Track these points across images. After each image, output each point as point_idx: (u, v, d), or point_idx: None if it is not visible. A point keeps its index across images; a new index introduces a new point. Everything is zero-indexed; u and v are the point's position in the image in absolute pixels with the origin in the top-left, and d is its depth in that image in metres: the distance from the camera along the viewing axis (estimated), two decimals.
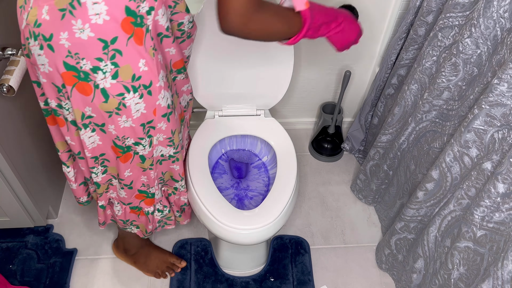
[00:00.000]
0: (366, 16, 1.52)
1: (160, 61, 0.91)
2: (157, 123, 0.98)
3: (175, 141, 1.07)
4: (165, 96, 0.94)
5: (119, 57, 0.84)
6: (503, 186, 0.96)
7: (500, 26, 0.99)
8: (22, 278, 1.45)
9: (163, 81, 0.92)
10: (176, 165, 1.15)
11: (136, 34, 0.83)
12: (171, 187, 1.25)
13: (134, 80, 0.87)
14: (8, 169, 1.26)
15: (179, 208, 1.35)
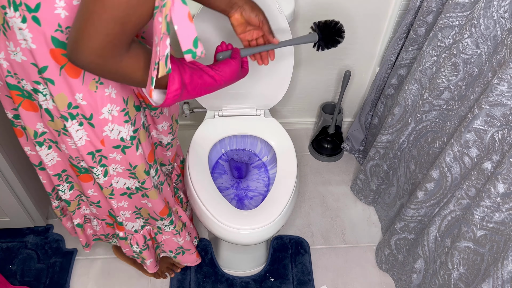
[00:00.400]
0: (366, 16, 1.52)
1: (111, 94, 0.84)
2: (109, 153, 0.92)
3: (139, 175, 1.00)
4: (116, 129, 0.88)
5: (51, 86, 0.79)
6: (503, 186, 0.96)
7: (500, 26, 0.99)
8: (22, 278, 1.45)
9: (112, 115, 0.86)
10: (147, 201, 1.08)
11: (70, 66, 0.76)
12: (154, 226, 1.21)
13: (71, 108, 0.83)
14: (8, 169, 1.26)
15: (174, 250, 1.30)
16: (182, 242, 1.27)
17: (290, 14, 1.29)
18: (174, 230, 1.23)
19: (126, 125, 0.90)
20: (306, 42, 1.00)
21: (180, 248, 1.29)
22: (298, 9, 1.47)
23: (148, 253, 1.27)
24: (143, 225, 1.20)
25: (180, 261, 1.36)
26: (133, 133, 0.92)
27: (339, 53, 1.64)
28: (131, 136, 0.92)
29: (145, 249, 1.25)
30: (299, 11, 1.48)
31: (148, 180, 1.02)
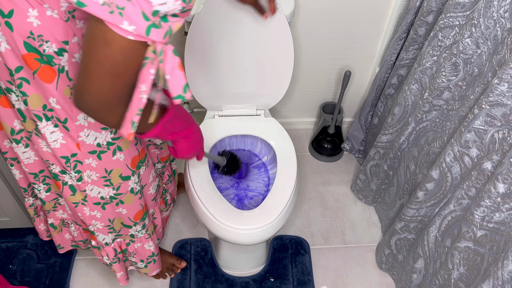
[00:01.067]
0: (367, 16, 1.52)
1: None
2: (84, 158, 0.92)
3: (114, 180, 0.98)
4: (92, 135, 0.88)
5: (26, 86, 0.79)
6: (503, 186, 0.96)
7: (501, 26, 0.99)
8: (22, 278, 1.45)
9: (88, 122, 0.86)
10: (122, 208, 1.06)
11: (42, 71, 0.77)
12: (127, 235, 1.17)
13: (46, 110, 0.83)
14: (8, 169, 1.26)
15: (145, 259, 1.27)
16: (153, 247, 1.24)
17: (290, 14, 1.29)
18: (146, 234, 1.20)
19: (104, 132, 0.90)
20: (215, 161, 1.25)
21: (152, 256, 1.26)
22: (298, 9, 1.47)
23: (118, 266, 1.24)
24: (114, 238, 1.17)
25: (149, 272, 1.32)
26: (112, 140, 0.92)
27: (339, 53, 1.64)
28: (108, 142, 0.91)
29: (115, 262, 1.22)
30: (299, 11, 1.48)
31: (123, 185, 1.01)
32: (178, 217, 1.65)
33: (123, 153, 0.96)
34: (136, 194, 1.06)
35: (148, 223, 1.19)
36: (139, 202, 1.09)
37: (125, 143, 0.95)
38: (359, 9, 1.49)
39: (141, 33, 0.60)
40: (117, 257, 1.22)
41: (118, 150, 0.94)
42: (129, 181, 1.02)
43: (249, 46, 1.27)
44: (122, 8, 0.58)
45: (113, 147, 0.93)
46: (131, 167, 1.00)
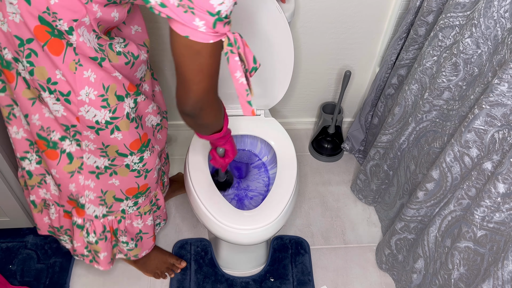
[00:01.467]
0: (367, 16, 1.52)
1: (90, 78, 0.88)
2: (83, 131, 0.96)
3: (110, 153, 1.02)
4: (92, 112, 0.92)
5: (34, 57, 0.85)
6: (504, 186, 0.96)
7: (501, 26, 0.99)
8: (22, 278, 1.45)
9: (89, 98, 0.90)
10: (115, 179, 1.09)
11: (51, 44, 0.82)
12: (118, 211, 1.18)
13: (50, 83, 0.88)
14: (8, 169, 1.26)
15: (134, 236, 1.27)
16: (142, 225, 1.25)
17: (290, 14, 1.29)
18: (137, 211, 1.21)
19: (103, 110, 0.93)
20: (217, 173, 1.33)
21: (139, 234, 1.27)
22: (298, 9, 1.47)
23: (104, 245, 1.23)
24: (105, 214, 1.17)
25: (139, 252, 1.32)
26: (110, 120, 0.95)
27: (339, 53, 1.64)
28: (106, 121, 0.95)
29: (101, 239, 1.21)
30: (299, 11, 1.48)
31: (118, 158, 1.04)
32: (178, 217, 1.65)
33: (122, 133, 0.99)
34: (132, 171, 1.09)
35: (143, 202, 1.20)
36: (134, 180, 1.11)
37: (125, 124, 0.98)
38: (359, 9, 1.49)
39: (209, 27, 0.72)
40: (105, 235, 1.21)
41: (116, 129, 0.98)
42: (125, 158, 1.05)
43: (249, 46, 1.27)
44: (192, 8, 0.71)
45: (111, 126, 0.97)
46: (130, 148, 1.03)
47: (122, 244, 1.27)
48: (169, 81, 1.67)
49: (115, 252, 1.30)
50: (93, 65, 0.88)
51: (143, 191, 1.16)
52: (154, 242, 1.36)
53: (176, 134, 1.89)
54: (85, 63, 0.87)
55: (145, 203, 1.21)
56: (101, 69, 0.89)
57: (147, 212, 1.24)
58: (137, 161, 1.07)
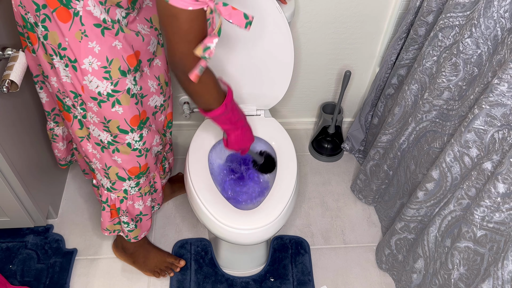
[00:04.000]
0: (367, 16, 1.52)
1: (94, 49, 0.92)
2: (87, 101, 1.01)
3: (112, 129, 1.06)
4: (94, 82, 0.96)
5: (48, 22, 0.90)
6: (503, 186, 0.96)
7: (501, 26, 0.99)
8: (22, 278, 1.45)
9: (92, 68, 0.94)
10: (117, 156, 1.11)
11: (59, 12, 0.87)
12: (120, 190, 1.20)
13: (60, 48, 0.93)
14: (8, 169, 1.26)
15: (134, 217, 1.29)
16: (142, 207, 1.28)
17: (290, 14, 1.29)
18: (138, 192, 1.23)
19: (105, 82, 0.97)
20: (254, 158, 1.35)
21: (139, 215, 1.30)
22: (298, 9, 1.47)
23: (103, 214, 1.28)
24: (108, 188, 1.21)
25: (139, 233, 1.34)
26: (111, 92, 0.99)
27: (339, 53, 1.64)
28: (108, 93, 0.99)
29: (103, 208, 1.27)
30: (299, 11, 1.48)
31: (120, 136, 1.07)
32: (178, 217, 1.65)
33: (122, 107, 1.02)
34: (133, 150, 1.11)
35: (144, 182, 1.23)
36: (136, 159, 1.14)
37: (125, 99, 1.02)
38: (359, 9, 1.49)
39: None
40: (104, 205, 1.26)
41: (117, 103, 1.01)
42: (127, 135, 1.08)
43: (249, 46, 1.27)
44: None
45: (113, 99, 1.00)
46: (131, 124, 1.06)
47: (124, 224, 1.30)
48: None
49: (118, 228, 1.34)
50: (98, 38, 0.92)
51: (144, 170, 1.19)
52: (151, 224, 1.39)
53: (176, 134, 1.89)
54: (90, 34, 0.91)
55: (145, 183, 1.24)
56: (106, 43, 0.93)
57: (147, 192, 1.27)
58: (138, 138, 1.10)
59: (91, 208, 1.64)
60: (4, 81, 1.06)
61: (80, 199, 1.67)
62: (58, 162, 1.42)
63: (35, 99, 1.39)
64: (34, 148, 1.42)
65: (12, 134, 1.27)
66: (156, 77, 1.12)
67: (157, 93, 1.14)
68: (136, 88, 1.04)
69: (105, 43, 0.93)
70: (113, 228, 1.33)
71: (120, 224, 1.31)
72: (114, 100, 1.00)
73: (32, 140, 1.40)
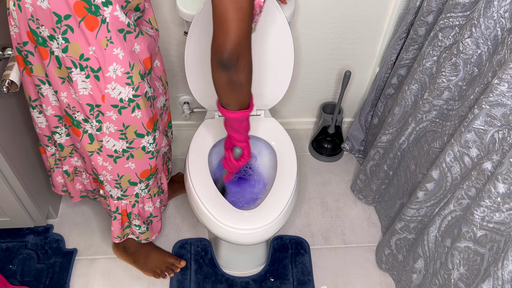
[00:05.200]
0: (367, 16, 1.52)
1: (119, 55, 0.93)
2: (106, 111, 1.00)
3: (129, 135, 1.06)
4: (117, 89, 0.97)
5: (70, 34, 0.89)
6: (504, 186, 0.96)
7: (501, 26, 0.99)
8: (22, 278, 1.45)
9: (116, 75, 0.94)
10: (131, 162, 1.13)
11: (88, 20, 0.87)
12: (132, 195, 1.21)
13: (82, 59, 0.92)
14: (8, 169, 1.26)
15: (145, 220, 1.30)
16: (152, 209, 1.29)
17: (290, 14, 1.29)
18: (148, 194, 1.24)
19: (127, 88, 0.98)
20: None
21: (149, 217, 1.31)
22: (298, 9, 1.47)
23: (113, 224, 1.28)
24: (119, 197, 1.21)
25: (150, 235, 1.35)
26: (133, 97, 1.00)
27: (339, 53, 1.64)
28: (129, 99, 1.00)
29: (113, 218, 1.27)
30: (299, 11, 1.48)
31: (136, 140, 1.08)
32: (178, 217, 1.65)
33: (141, 111, 1.04)
34: (147, 153, 1.13)
35: (152, 184, 1.24)
36: (148, 161, 1.15)
37: (143, 103, 1.03)
38: (359, 9, 1.49)
39: None
40: (115, 215, 1.26)
41: (137, 108, 1.03)
42: (142, 139, 1.09)
43: None
44: None
45: (133, 104, 1.01)
46: (147, 127, 1.08)
47: (135, 227, 1.31)
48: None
49: (128, 232, 1.34)
50: (122, 43, 0.92)
51: (154, 172, 1.20)
52: (161, 225, 1.40)
53: (176, 134, 1.89)
54: (115, 40, 0.91)
55: (154, 185, 1.25)
56: (128, 48, 0.94)
57: (155, 193, 1.28)
58: (152, 141, 1.11)
59: (91, 208, 1.64)
60: (4, 81, 1.07)
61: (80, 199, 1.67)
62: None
63: None
64: (34, 148, 1.42)
65: (12, 134, 1.27)
66: (159, 77, 1.13)
67: (162, 93, 1.16)
68: (151, 91, 1.06)
69: (127, 48, 0.94)
70: (123, 233, 1.34)
71: (130, 227, 1.32)
72: (134, 105, 1.01)
73: (32, 140, 1.40)
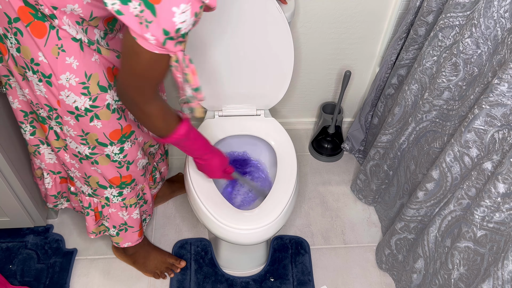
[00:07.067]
0: (367, 16, 1.52)
1: (72, 65, 0.89)
2: (63, 115, 0.97)
3: (90, 141, 1.03)
4: (71, 97, 0.93)
5: (20, 37, 0.85)
6: (504, 186, 0.96)
7: (501, 26, 0.99)
8: (22, 278, 1.45)
9: (70, 83, 0.90)
10: (97, 167, 1.10)
11: (34, 26, 0.83)
12: (102, 197, 1.20)
13: (33, 63, 0.89)
14: (8, 169, 1.26)
15: (117, 225, 1.28)
16: (127, 218, 1.27)
17: (290, 14, 1.29)
18: (121, 202, 1.22)
19: (83, 97, 0.94)
20: (256, 192, 1.38)
21: (124, 225, 1.28)
22: (298, 9, 1.47)
23: (87, 218, 1.27)
24: (90, 194, 1.20)
25: (121, 241, 1.34)
26: (90, 107, 0.96)
27: (339, 53, 1.64)
28: (86, 108, 0.96)
29: (86, 213, 1.26)
30: (299, 11, 1.48)
31: (99, 147, 1.05)
32: (178, 217, 1.65)
33: (101, 122, 1.00)
34: (113, 161, 1.09)
35: (128, 194, 1.21)
36: (116, 169, 1.12)
37: (105, 114, 0.99)
38: (359, 9, 1.49)
39: (159, 43, 0.73)
40: (87, 211, 1.25)
41: (96, 118, 0.98)
42: (105, 148, 1.05)
43: (249, 46, 1.27)
44: (149, 22, 0.71)
45: (91, 114, 0.97)
46: (110, 138, 1.04)
47: (106, 228, 1.30)
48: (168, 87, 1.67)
49: (104, 229, 1.33)
50: (77, 52, 0.88)
51: (127, 181, 1.17)
52: (141, 237, 1.37)
53: None
54: (68, 49, 0.87)
55: (130, 195, 1.22)
56: (85, 58, 0.89)
57: (132, 204, 1.25)
58: (117, 151, 1.08)
59: None
60: None
61: None
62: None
63: None
64: None
65: (12, 134, 1.27)
66: None
67: None
68: (118, 103, 1.00)
69: (84, 58, 0.89)
70: (99, 229, 1.33)
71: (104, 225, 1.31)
72: (92, 115, 0.97)
73: None
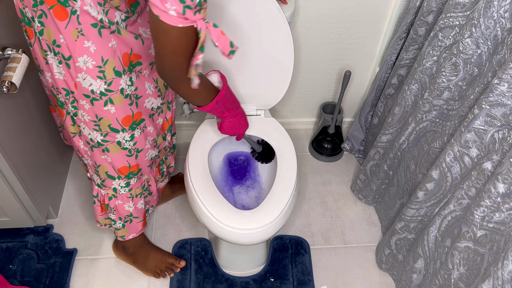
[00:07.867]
0: (367, 16, 1.52)
1: (90, 48, 0.92)
2: (79, 99, 1.01)
3: (103, 128, 1.06)
4: (88, 80, 0.96)
5: (44, 19, 0.90)
6: (503, 186, 0.96)
7: (501, 26, 0.99)
8: (22, 278, 1.45)
9: (87, 66, 0.94)
10: (107, 155, 1.13)
11: (56, 9, 0.87)
12: (109, 188, 1.22)
13: (54, 45, 0.93)
14: (8, 169, 1.26)
15: (123, 217, 1.30)
16: (133, 209, 1.28)
17: (290, 14, 1.29)
18: (128, 193, 1.24)
19: (99, 81, 0.98)
20: (252, 146, 1.41)
21: (129, 216, 1.30)
22: (298, 9, 1.47)
23: (94, 207, 1.31)
24: (99, 184, 1.23)
25: (126, 234, 1.35)
26: (105, 91, 0.99)
27: (339, 53, 1.64)
28: (101, 92, 0.99)
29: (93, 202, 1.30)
30: (299, 11, 1.48)
31: (111, 134, 1.08)
32: (178, 217, 1.65)
33: (115, 106, 1.03)
34: (123, 149, 1.12)
35: (135, 184, 1.23)
36: (125, 158, 1.15)
37: (118, 99, 1.02)
38: (359, 9, 1.49)
39: (179, 13, 0.75)
40: (94, 199, 1.28)
41: (110, 102, 1.02)
42: (117, 134, 1.09)
43: (249, 46, 1.27)
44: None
45: (106, 98, 1.01)
46: (122, 124, 1.07)
47: (112, 221, 1.31)
48: None
49: (109, 222, 1.35)
50: (95, 37, 0.92)
51: (134, 171, 1.19)
52: (144, 227, 1.39)
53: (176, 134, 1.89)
54: (87, 33, 0.91)
55: (136, 185, 1.24)
56: (102, 43, 0.93)
57: (138, 194, 1.27)
58: (128, 138, 1.11)
59: (91, 208, 1.64)
60: (4, 82, 1.07)
61: (80, 199, 1.67)
62: None
63: (36, 99, 1.40)
64: (34, 148, 1.42)
65: (12, 134, 1.27)
66: (154, 80, 1.12)
67: (154, 95, 1.14)
68: (131, 89, 1.04)
69: (102, 43, 0.93)
70: (104, 221, 1.35)
71: (110, 219, 1.33)
72: (107, 99, 1.01)
73: (32, 140, 1.40)
